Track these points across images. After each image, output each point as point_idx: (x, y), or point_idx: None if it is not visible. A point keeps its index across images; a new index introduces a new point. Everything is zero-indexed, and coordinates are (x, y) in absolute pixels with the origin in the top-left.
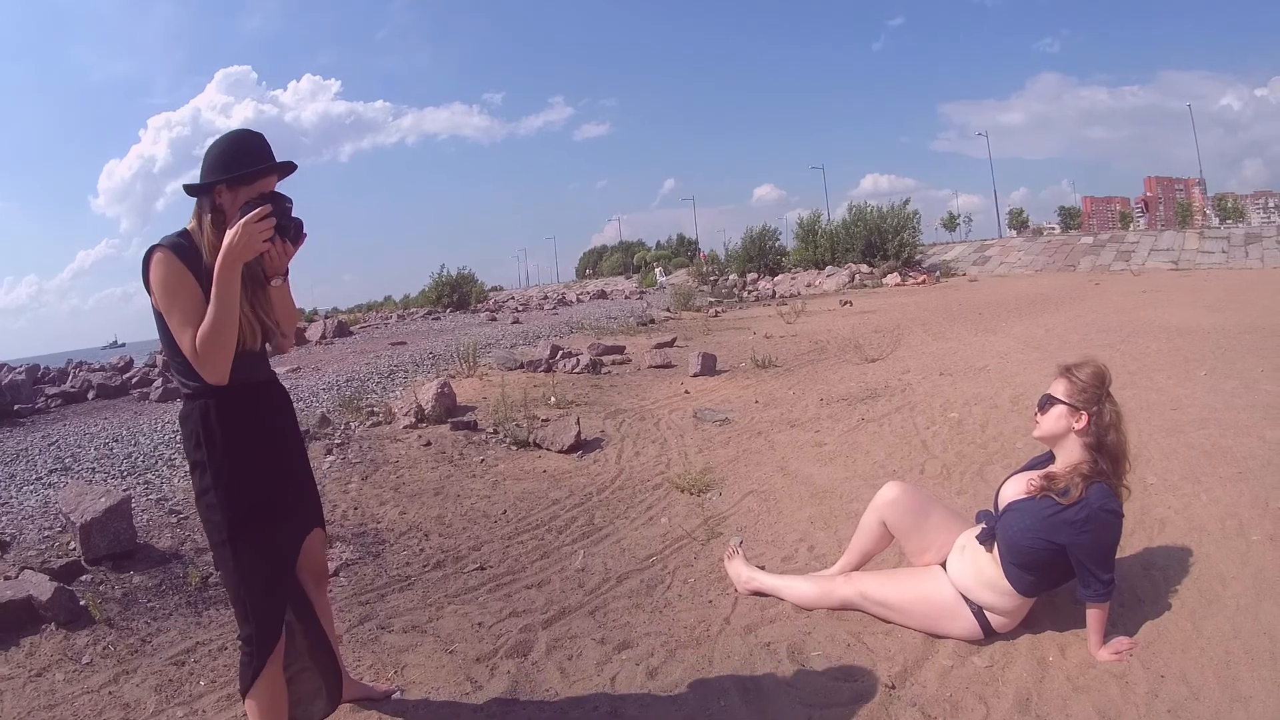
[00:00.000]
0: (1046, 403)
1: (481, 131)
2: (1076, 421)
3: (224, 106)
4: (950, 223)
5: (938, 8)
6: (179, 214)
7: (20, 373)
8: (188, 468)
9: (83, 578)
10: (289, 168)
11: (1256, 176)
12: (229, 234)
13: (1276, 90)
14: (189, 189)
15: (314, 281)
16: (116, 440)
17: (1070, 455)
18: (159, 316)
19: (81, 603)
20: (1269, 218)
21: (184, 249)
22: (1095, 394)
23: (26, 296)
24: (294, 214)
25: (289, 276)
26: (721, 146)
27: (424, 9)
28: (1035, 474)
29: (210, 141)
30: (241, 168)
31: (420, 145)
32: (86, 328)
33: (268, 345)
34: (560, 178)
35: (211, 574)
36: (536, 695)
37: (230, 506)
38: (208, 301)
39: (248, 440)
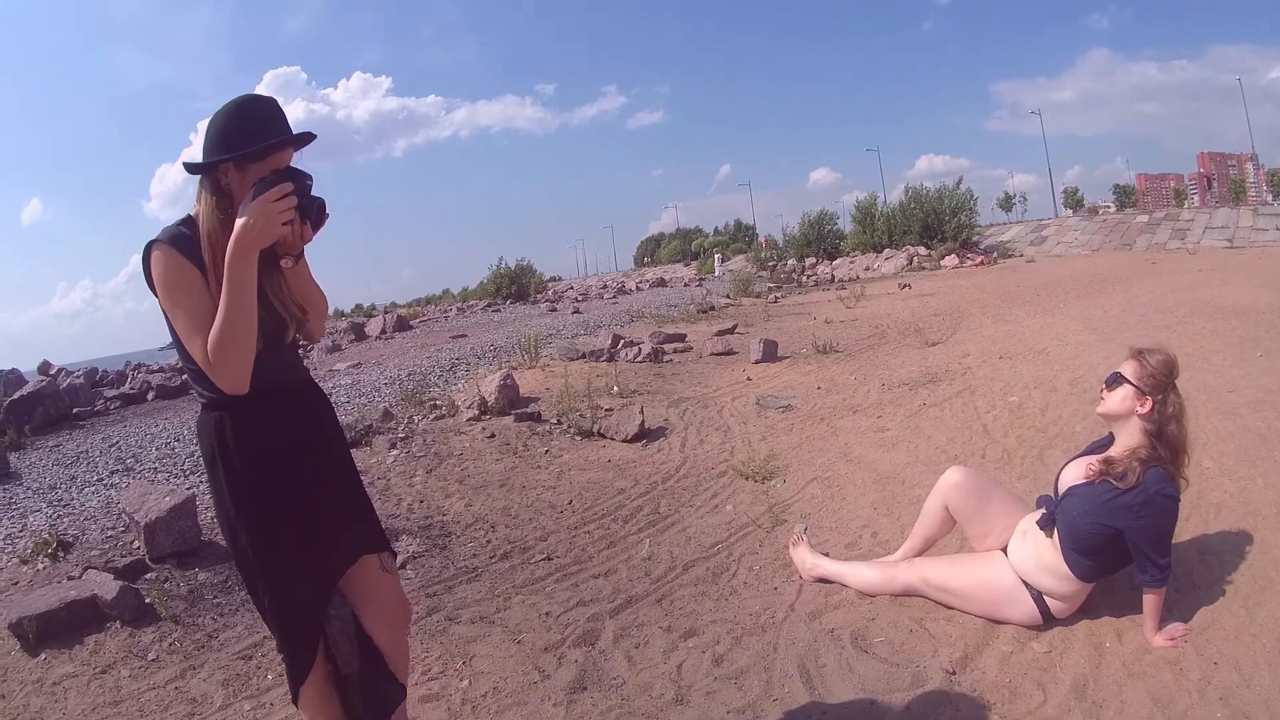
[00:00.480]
0: (1115, 381)
1: (535, 123)
2: (1141, 405)
3: None
4: (1006, 203)
5: None
6: None
7: (78, 376)
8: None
9: (147, 576)
10: (306, 139)
11: None
12: (241, 216)
13: None
14: (190, 168)
15: (372, 277)
16: (178, 440)
17: (1130, 439)
18: (167, 318)
19: (147, 600)
20: None
21: (187, 240)
22: (1163, 382)
23: (81, 301)
24: (314, 192)
25: (304, 256)
26: (776, 131)
27: (470, 3)
28: (1094, 458)
29: (213, 112)
30: (250, 142)
31: (474, 138)
32: (143, 330)
33: (298, 338)
34: (615, 166)
35: None
36: (604, 684)
37: (254, 537)
38: (217, 298)
39: (273, 459)
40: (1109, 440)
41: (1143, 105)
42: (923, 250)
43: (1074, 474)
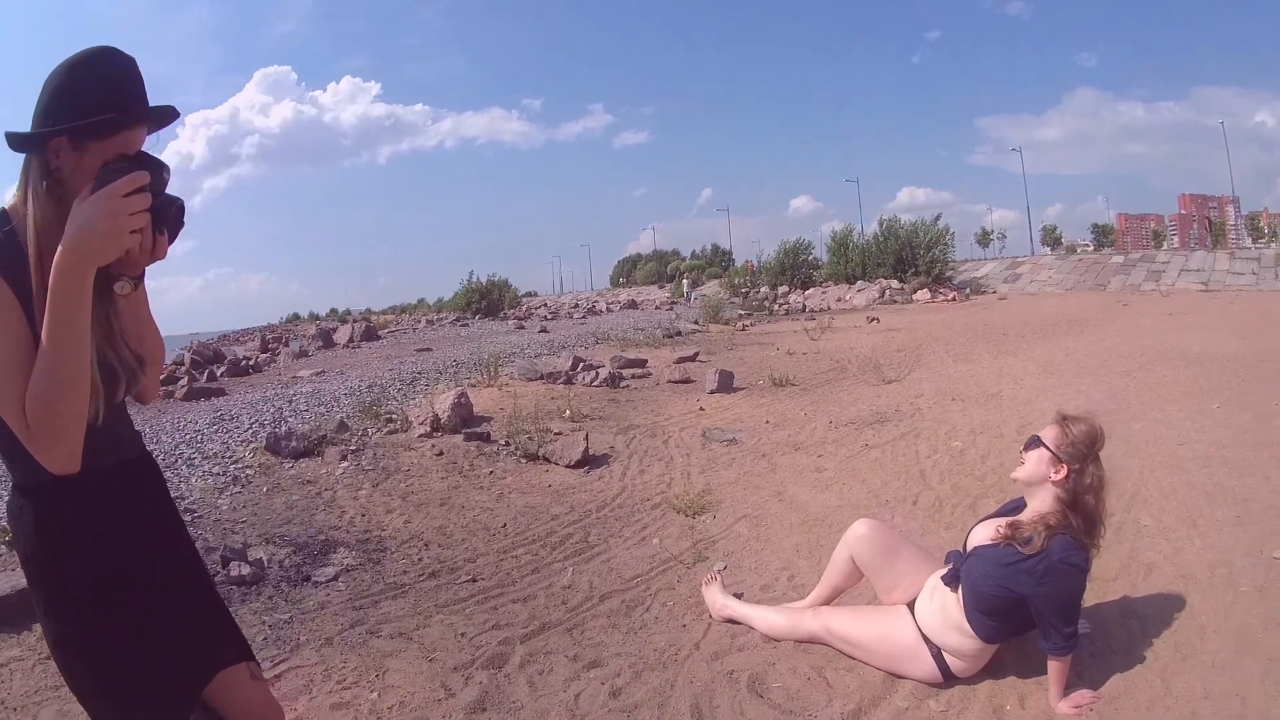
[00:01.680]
0: (1033, 444)
1: (520, 137)
2: (1055, 472)
3: (263, 106)
4: (984, 239)
5: (974, 21)
6: (219, 212)
7: None
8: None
9: None
10: (168, 115)
11: None
12: (78, 212)
13: None
14: (12, 140)
15: (349, 282)
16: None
17: (1042, 504)
18: None
19: None
20: None
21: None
22: (1082, 452)
23: None
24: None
25: (144, 282)
26: (760, 157)
27: (460, 16)
28: (1002, 521)
29: (55, 68)
30: (93, 110)
31: (458, 149)
32: None
33: (127, 395)
34: (598, 184)
35: (217, 573)
36: (503, 706)
37: (99, 670)
38: (36, 335)
39: (111, 559)
40: (1022, 503)
41: (1129, 145)
42: (895, 283)
43: (983, 534)
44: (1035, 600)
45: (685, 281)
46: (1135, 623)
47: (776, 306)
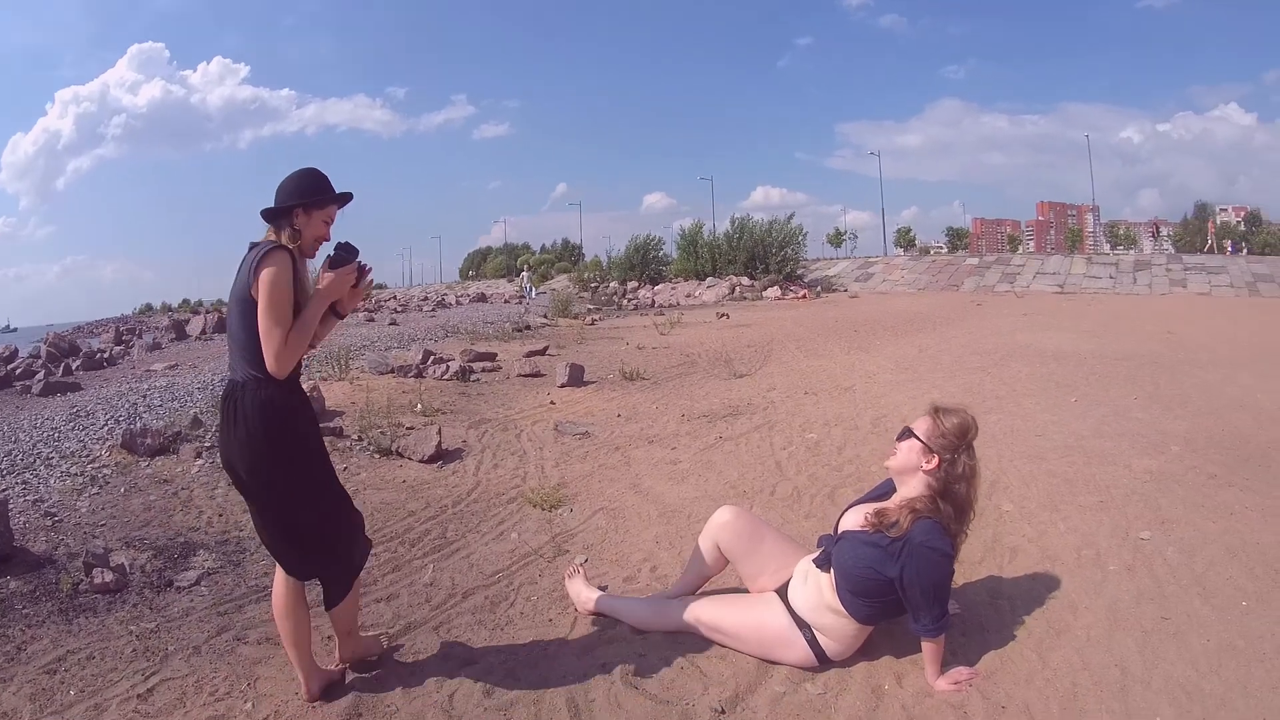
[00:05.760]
0: (905, 435)
1: (382, 125)
2: (926, 462)
3: (133, 84)
4: (836, 239)
5: (847, 31)
6: (80, 194)
7: None
8: (249, 457)
9: None
10: (348, 197)
11: (1152, 206)
12: (326, 278)
13: (1180, 125)
14: (269, 213)
15: (204, 272)
16: None
17: (911, 490)
18: (243, 305)
19: None
20: (1161, 246)
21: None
22: (953, 443)
23: None
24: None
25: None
26: (617, 152)
27: None
28: (871, 508)
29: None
30: (316, 194)
31: (320, 136)
32: None
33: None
34: (453, 177)
35: (81, 580)
36: (378, 711)
37: (322, 472)
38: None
39: (315, 423)
40: (892, 485)
41: (990, 155)
42: (746, 280)
43: (853, 519)
44: (901, 582)
45: (524, 277)
46: (1005, 602)
47: (626, 302)
